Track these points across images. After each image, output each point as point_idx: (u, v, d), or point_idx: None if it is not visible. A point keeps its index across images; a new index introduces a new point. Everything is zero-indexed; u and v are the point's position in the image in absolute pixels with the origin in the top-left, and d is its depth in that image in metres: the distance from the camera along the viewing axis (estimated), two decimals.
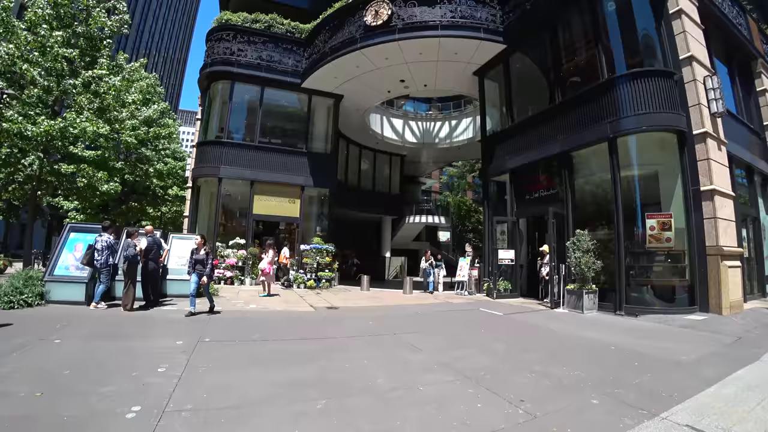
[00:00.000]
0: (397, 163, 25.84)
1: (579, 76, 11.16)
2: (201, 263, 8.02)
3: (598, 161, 10.10)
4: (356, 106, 18.36)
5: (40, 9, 13.01)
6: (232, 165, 15.38)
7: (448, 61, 14.36)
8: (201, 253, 8.12)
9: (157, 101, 22.80)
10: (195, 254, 8.18)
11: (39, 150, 13.10)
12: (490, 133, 14.77)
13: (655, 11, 9.89)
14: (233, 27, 16.03)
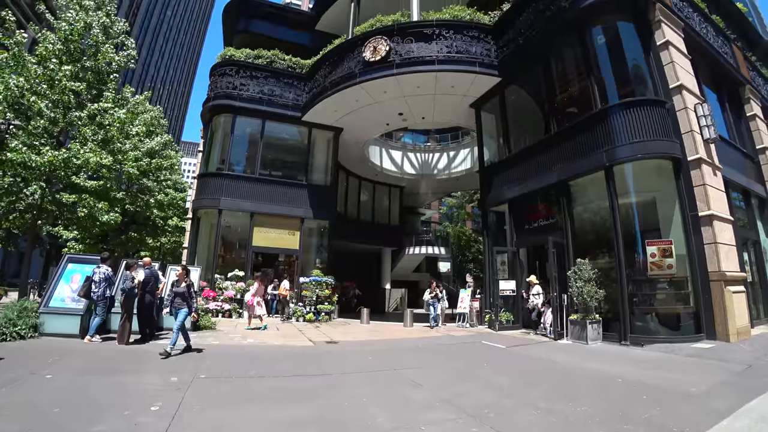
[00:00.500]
0: (397, 195, 26.01)
1: (573, 106, 11.40)
2: (181, 296, 7.39)
3: (596, 189, 10.16)
4: (356, 138, 18.65)
5: (51, 44, 13.42)
6: (232, 197, 15.50)
7: (445, 95, 14.69)
8: (182, 285, 7.50)
9: (161, 133, 23.17)
10: (175, 287, 7.62)
11: (42, 180, 13.20)
12: (488, 163, 14.92)
13: (643, 43, 10.23)
14: (236, 62, 16.51)
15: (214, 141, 16.97)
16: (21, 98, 12.85)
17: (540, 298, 10.90)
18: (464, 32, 13.41)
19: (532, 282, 11.12)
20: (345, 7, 17.03)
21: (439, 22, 13.40)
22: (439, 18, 13.52)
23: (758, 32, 17.32)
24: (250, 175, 16.18)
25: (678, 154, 9.10)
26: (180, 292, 7.43)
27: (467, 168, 22.91)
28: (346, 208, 22.14)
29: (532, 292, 11.05)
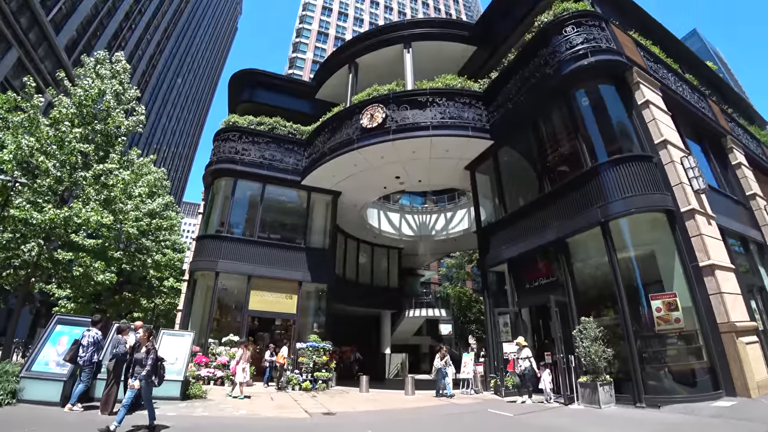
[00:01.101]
0: (395, 257, 25.93)
1: (565, 165, 11.73)
2: (140, 364, 6.27)
3: (594, 245, 10.14)
4: (354, 202, 18.96)
5: (65, 108, 14.05)
6: (230, 259, 15.40)
7: (440, 158, 15.18)
8: (142, 351, 6.43)
9: (163, 194, 23.50)
10: (135, 352, 6.60)
11: (40, 237, 13.15)
12: (485, 224, 15.02)
13: (625, 103, 10.78)
14: (239, 129, 17.23)
15: (215, 203, 17.21)
16: (30, 157, 13.21)
17: (531, 360, 10.28)
18: (456, 99, 14.14)
19: (521, 344, 10.58)
20: (343, 77, 18.13)
21: (432, 90, 14.19)
22: (432, 87, 14.33)
23: (731, 86, 18.46)
24: (249, 238, 16.20)
25: (671, 206, 9.22)
26: (139, 359, 6.35)
27: (465, 228, 23.08)
28: (345, 270, 21.94)
29: (521, 355, 10.40)
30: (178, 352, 9.81)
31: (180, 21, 70.14)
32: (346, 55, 18.24)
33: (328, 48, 59.87)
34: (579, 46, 10.80)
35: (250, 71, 19.71)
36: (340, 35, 63.54)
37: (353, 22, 67.18)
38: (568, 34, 11.10)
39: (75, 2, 36.12)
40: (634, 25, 13.60)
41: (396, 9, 74.41)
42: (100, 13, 40.78)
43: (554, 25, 11.45)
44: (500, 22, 15.23)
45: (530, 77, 12.07)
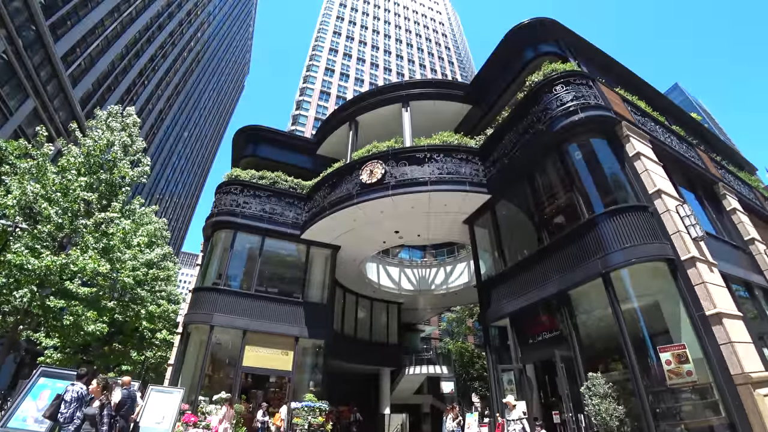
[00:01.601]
0: (395, 312, 25.39)
1: (562, 217, 11.83)
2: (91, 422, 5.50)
3: (597, 296, 9.97)
4: (353, 256, 18.91)
5: (73, 157, 14.35)
6: (225, 313, 15.06)
7: (439, 213, 15.35)
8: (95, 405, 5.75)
9: (162, 245, 23.42)
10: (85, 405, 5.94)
11: (34, 283, 12.92)
12: (485, 277, 14.87)
13: (617, 155, 11.09)
14: (241, 182, 17.52)
15: (213, 255, 17.13)
16: (34, 203, 13.31)
17: (524, 423, 9.66)
18: (453, 155, 14.54)
19: (510, 404, 10.02)
20: (344, 134, 18.76)
21: (429, 147, 14.62)
22: (430, 143, 14.78)
23: (716, 135, 19.07)
24: (246, 291, 15.95)
25: (670, 255, 9.18)
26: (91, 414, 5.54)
27: (465, 282, 22.83)
28: (343, 326, 21.40)
29: (512, 416, 9.74)
30: (165, 410, 9.35)
31: (190, 79, 73.94)
32: (346, 113, 19.00)
33: (329, 106, 62.62)
34: (569, 103, 11.32)
35: (254, 127, 20.41)
36: (342, 94, 66.65)
37: (354, 82, 70.73)
38: (558, 93, 11.68)
39: (94, 59, 38.44)
40: (619, 82, 14.40)
41: (395, 70, 78.64)
42: (116, 70, 43.29)
43: (545, 84, 12.08)
44: (493, 83, 16.03)
45: (524, 133, 12.51)
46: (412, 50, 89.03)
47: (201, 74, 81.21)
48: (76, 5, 34.62)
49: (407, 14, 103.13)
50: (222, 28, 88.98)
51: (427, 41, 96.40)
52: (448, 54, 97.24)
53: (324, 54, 72.47)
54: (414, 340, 31.76)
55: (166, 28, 56.49)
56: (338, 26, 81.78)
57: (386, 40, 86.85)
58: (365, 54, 78.96)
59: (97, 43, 38.66)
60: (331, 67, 71.09)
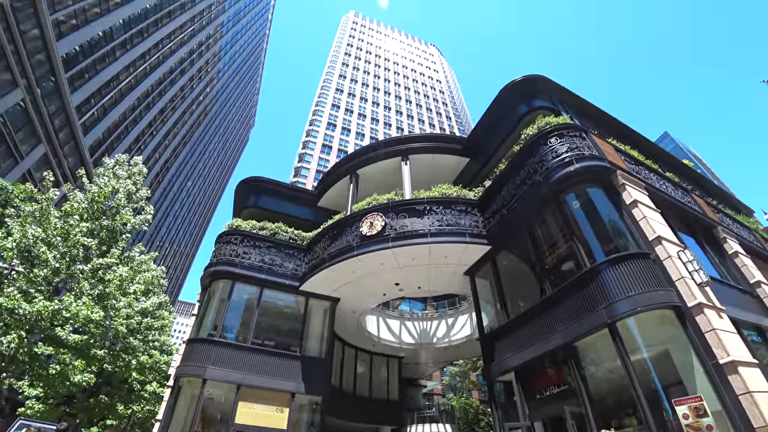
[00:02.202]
0: (395, 366, 24.47)
1: (564, 267, 11.71)
2: None
3: (605, 348, 9.66)
4: (352, 308, 18.59)
5: (77, 203, 14.45)
6: (219, 366, 14.51)
7: (439, 264, 15.24)
8: None
9: (158, 293, 23.05)
10: None
11: (23, 328, 12.53)
12: (488, 330, 14.50)
13: (614, 203, 11.20)
14: (241, 232, 17.51)
15: (210, 306, 16.80)
16: (33, 246, 13.23)
17: None
18: (453, 207, 14.66)
19: None
20: (344, 187, 19.06)
21: (429, 199, 14.77)
22: (430, 196, 14.94)
23: (710, 180, 19.29)
24: (242, 344, 15.48)
25: (677, 302, 8.98)
26: None
27: (467, 335, 22.23)
28: (342, 381, 20.57)
29: None
30: None
31: (197, 131, 76.65)
32: (347, 166, 19.42)
33: (331, 159, 64.24)
34: (564, 155, 11.61)
35: (256, 179, 20.76)
36: (343, 147, 68.59)
37: (355, 135, 73.00)
38: (553, 144, 12.02)
39: (107, 109, 40.14)
40: (611, 133, 14.88)
41: (394, 125, 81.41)
42: (126, 120, 45.12)
43: (539, 136, 12.46)
44: (489, 137, 16.55)
45: (522, 184, 12.72)
46: (410, 106, 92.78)
47: (208, 127, 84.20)
48: (95, 60, 36.74)
49: (406, 72, 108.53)
50: (230, 84, 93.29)
51: (425, 97, 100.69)
52: (445, 109, 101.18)
53: (326, 109, 75.42)
54: (416, 396, 30.34)
55: (178, 83, 59.26)
56: (340, 84, 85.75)
57: (386, 97, 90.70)
58: (366, 109, 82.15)
59: (111, 95, 40.61)
60: (333, 121, 73.71)
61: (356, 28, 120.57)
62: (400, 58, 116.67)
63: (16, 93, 26.64)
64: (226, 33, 78.72)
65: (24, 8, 26.28)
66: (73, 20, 32.99)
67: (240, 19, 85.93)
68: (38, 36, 28.30)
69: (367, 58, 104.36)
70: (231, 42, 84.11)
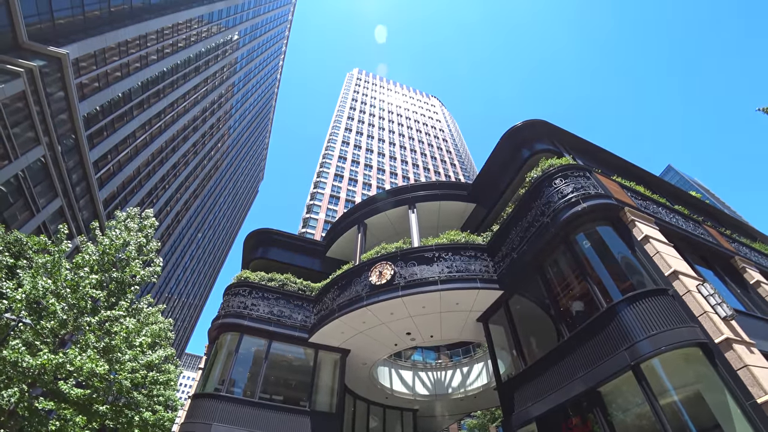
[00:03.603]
0: (410, 420, 23.24)
1: (579, 308, 11.37)
2: None
3: (631, 391, 9.09)
4: (363, 360, 18.06)
5: (89, 255, 14.56)
6: (226, 423, 13.85)
7: (451, 311, 14.95)
8: None
9: (165, 346, 22.60)
10: None
11: (26, 382, 12.20)
12: (505, 378, 13.91)
13: (625, 240, 11.04)
14: (250, 284, 17.40)
15: (217, 359, 16.38)
16: (42, 298, 13.20)
17: None
18: (462, 253, 14.57)
19: None
20: (352, 236, 19.14)
21: (438, 246, 14.73)
22: (438, 243, 14.92)
23: (721, 210, 18.91)
24: (249, 399, 14.88)
25: (702, 338, 8.56)
26: None
27: (484, 384, 21.27)
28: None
29: None
30: None
31: (208, 184, 78.77)
32: (354, 216, 19.61)
33: (338, 209, 65.01)
34: (570, 195, 11.68)
35: (264, 230, 20.93)
36: (350, 198, 69.58)
37: (362, 186, 74.25)
38: (558, 186, 12.13)
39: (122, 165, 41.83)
40: (615, 171, 15.00)
41: (400, 174, 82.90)
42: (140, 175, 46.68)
43: (544, 179, 12.62)
44: (494, 182, 16.76)
45: (530, 227, 12.71)
46: (415, 155, 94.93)
47: (218, 180, 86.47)
48: (114, 119, 38.71)
49: (409, 123, 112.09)
50: (240, 139, 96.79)
51: (429, 146, 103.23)
52: (449, 156, 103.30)
53: (334, 161, 77.38)
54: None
55: (191, 139, 61.63)
56: (347, 136, 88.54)
57: (391, 147, 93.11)
58: (372, 160, 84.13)
59: (127, 151, 42.47)
60: (341, 173, 75.37)
61: (360, 83, 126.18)
62: (404, 110, 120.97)
63: (37, 150, 27.78)
64: (237, 92, 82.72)
65: (52, 73, 28.11)
66: (95, 83, 35.11)
67: (250, 79, 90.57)
68: (62, 97, 30.05)
69: (371, 111, 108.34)
70: (242, 100, 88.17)
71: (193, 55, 55.23)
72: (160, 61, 45.91)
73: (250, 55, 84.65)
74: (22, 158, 26.43)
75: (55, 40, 29.90)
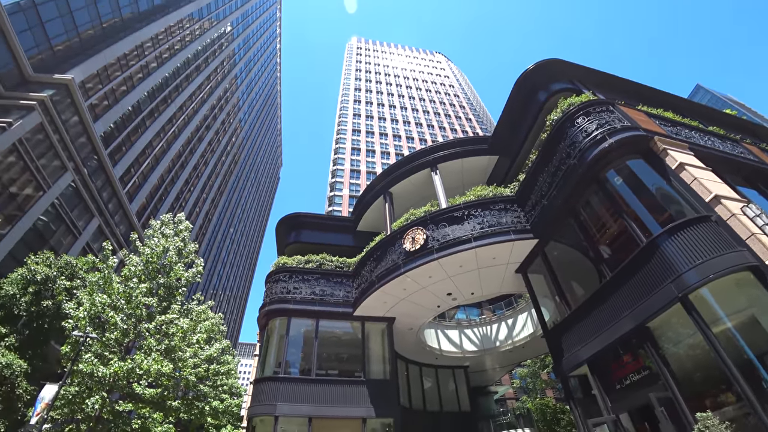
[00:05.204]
0: (462, 376, 23.94)
1: (619, 246, 11.13)
2: None
3: (682, 323, 8.98)
4: (409, 325, 18.49)
5: (134, 266, 15.53)
6: (289, 401, 14.77)
7: (489, 267, 14.99)
8: None
9: (220, 339, 23.91)
10: None
11: (104, 389, 13.40)
12: (551, 325, 13.98)
13: (659, 171, 10.58)
14: (289, 269, 17.97)
15: (270, 344, 17.21)
16: (102, 312, 14.25)
17: None
18: (491, 207, 14.43)
19: None
20: (380, 207, 19.20)
21: (466, 204, 14.63)
22: (466, 200, 14.81)
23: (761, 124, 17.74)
24: (307, 377, 15.71)
25: (752, 261, 8.23)
26: None
27: (530, 333, 21.50)
28: (411, 400, 20.29)
29: None
30: None
31: (230, 179, 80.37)
32: (378, 188, 19.64)
33: (361, 182, 65.11)
34: (595, 132, 11.24)
35: (293, 215, 21.33)
36: (371, 169, 69.45)
37: (381, 155, 73.84)
38: (581, 124, 11.68)
39: (146, 175, 43.43)
40: (639, 100, 14.23)
41: (416, 138, 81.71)
42: (165, 182, 48.40)
43: (565, 119, 12.17)
44: (514, 130, 16.29)
45: (557, 171, 12.39)
46: (429, 116, 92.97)
47: (239, 174, 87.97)
48: (129, 133, 39.88)
49: (417, 84, 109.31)
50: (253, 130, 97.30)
51: (441, 104, 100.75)
52: (463, 111, 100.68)
53: (348, 135, 76.88)
54: (488, 404, 29.41)
55: (205, 139, 62.55)
56: (357, 108, 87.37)
57: (403, 112, 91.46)
58: (386, 128, 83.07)
59: (147, 162, 43.81)
60: (357, 146, 74.94)
61: (361, 52, 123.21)
62: (409, 71, 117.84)
63: (66, 176, 29.17)
64: (240, 84, 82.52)
65: (62, 100, 28.84)
66: (105, 101, 35.86)
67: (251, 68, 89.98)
68: (78, 121, 30.99)
69: (377, 79, 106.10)
70: (247, 91, 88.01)
71: (191, 54, 55.17)
72: (160, 67, 46.19)
73: (246, 44, 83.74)
74: (54, 187, 27.80)
75: (58, 67, 30.59)
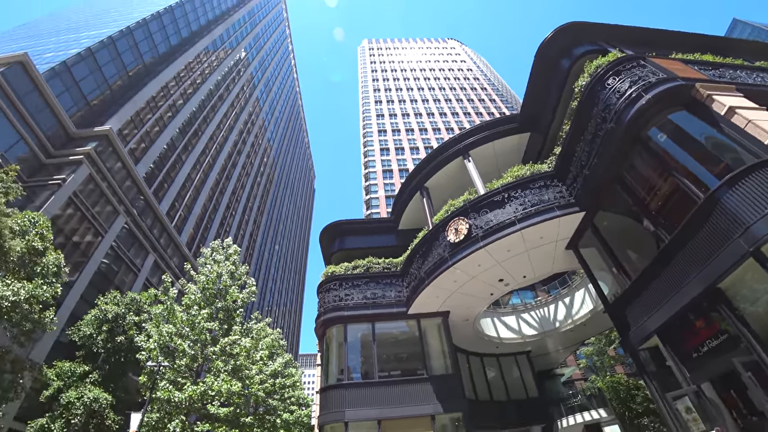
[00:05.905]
0: (525, 362, 23.42)
1: (674, 207, 10.43)
2: None
3: (757, 278, 8.30)
4: (464, 317, 18.34)
5: (193, 295, 16.43)
6: (356, 407, 15.02)
7: (537, 247, 14.59)
8: None
9: (281, 353, 24.71)
10: None
11: (183, 413, 14.22)
12: (611, 299, 13.44)
13: (707, 120, 9.79)
14: (337, 277, 18.30)
15: (330, 352, 17.58)
16: (170, 341, 15.17)
17: None
18: (531, 186, 14.06)
19: None
20: (418, 203, 19.16)
21: (504, 186, 14.32)
22: (503, 183, 14.49)
23: None
24: (370, 380, 15.93)
25: None
26: None
27: (590, 309, 20.66)
28: (476, 391, 20.13)
29: None
30: None
31: (268, 198, 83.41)
32: (414, 184, 19.60)
33: (395, 181, 65.21)
34: (629, 91, 10.64)
35: (334, 224, 21.68)
36: (403, 167, 69.40)
37: (410, 152, 73.63)
38: (613, 85, 11.10)
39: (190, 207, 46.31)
40: (671, 48, 13.26)
41: (443, 128, 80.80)
42: (207, 211, 51.02)
43: (595, 83, 11.62)
44: (542, 103, 15.77)
45: (594, 138, 11.85)
46: (452, 104, 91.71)
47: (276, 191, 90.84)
48: (168, 169, 42.61)
49: (435, 74, 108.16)
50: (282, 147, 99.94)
51: (462, 90, 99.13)
52: (486, 93, 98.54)
53: (375, 137, 77.18)
54: (556, 387, 28.59)
55: (239, 163, 65.12)
56: (379, 109, 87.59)
57: (425, 105, 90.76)
58: (411, 124, 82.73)
59: (189, 194, 46.65)
60: (385, 146, 75.06)
61: (374, 53, 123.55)
62: (425, 63, 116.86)
63: (119, 219, 31.96)
64: (263, 105, 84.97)
65: (105, 149, 31.36)
66: (142, 144, 38.53)
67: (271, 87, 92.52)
68: (121, 167, 33.63)
69: (394, 76, 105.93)
70: (270, 111, 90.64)
71: (213, 85, 57.78)
72: (186, 103, 48.82)
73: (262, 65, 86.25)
74: (111, 230, 30.62)
75: (97, 120, 33.67)
